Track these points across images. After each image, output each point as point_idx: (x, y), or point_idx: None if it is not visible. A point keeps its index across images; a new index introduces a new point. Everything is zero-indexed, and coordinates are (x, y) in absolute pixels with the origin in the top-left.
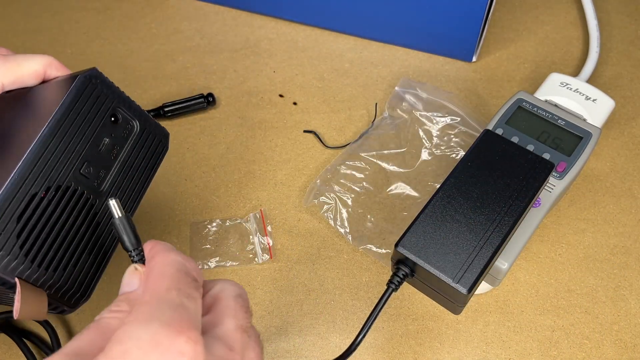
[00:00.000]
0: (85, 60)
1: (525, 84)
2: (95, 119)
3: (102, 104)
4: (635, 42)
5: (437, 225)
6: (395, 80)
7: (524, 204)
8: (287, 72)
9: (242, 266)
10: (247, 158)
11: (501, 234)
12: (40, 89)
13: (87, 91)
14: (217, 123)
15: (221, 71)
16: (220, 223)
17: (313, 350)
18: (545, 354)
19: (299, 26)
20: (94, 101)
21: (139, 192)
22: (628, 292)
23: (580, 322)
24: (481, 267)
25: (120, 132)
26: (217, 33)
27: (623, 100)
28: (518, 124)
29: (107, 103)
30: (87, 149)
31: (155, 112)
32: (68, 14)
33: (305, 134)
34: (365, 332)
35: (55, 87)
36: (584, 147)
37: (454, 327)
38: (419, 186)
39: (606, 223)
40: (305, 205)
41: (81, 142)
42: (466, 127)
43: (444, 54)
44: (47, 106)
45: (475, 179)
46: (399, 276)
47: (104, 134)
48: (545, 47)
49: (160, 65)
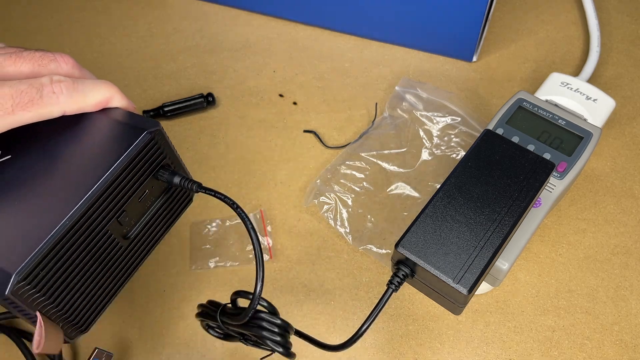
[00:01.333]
0: (85, 60)
1: (526, 84)
2: (147, 173)
3: (156, 160)
4: (636, 41)
5: (437, 225)
6: (396, 80)
7: (524, 204)
8: (287, 72)
9: (242, 266)
10: (247, 158)
11: (502, 234)
12: (103, 127)
13: (148, 148)
14: (217, 123)
15: (221, 71)
16: (220, 223)
17: (313, 350)
18: (545, 354)
19: (299, 26)
20: (151, 157)
21: (159, 239)
22: (629, 293)
23: (581, 323)
24: (481, 268)
25: (160, 185)
26: (217, 33)
27: (623, 100)
28: (518, 124)
29: (159, 159)
30: (130, 200)
31: (155, 111)
32: (68, 13)
33: (305, 133)
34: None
35: (119, 133)
36: (584, 147)
37: (454, 327)
38: (419, 186)
39: (607, 223)
40: (305, 205)
41: (129, 194)
42: (466, 127)
43: (444, 54)
44: (108, 153)
45: (476, 179)
46: (399, 276)
47: (147, 186)
48: (546, 46)
49: (160, 65)
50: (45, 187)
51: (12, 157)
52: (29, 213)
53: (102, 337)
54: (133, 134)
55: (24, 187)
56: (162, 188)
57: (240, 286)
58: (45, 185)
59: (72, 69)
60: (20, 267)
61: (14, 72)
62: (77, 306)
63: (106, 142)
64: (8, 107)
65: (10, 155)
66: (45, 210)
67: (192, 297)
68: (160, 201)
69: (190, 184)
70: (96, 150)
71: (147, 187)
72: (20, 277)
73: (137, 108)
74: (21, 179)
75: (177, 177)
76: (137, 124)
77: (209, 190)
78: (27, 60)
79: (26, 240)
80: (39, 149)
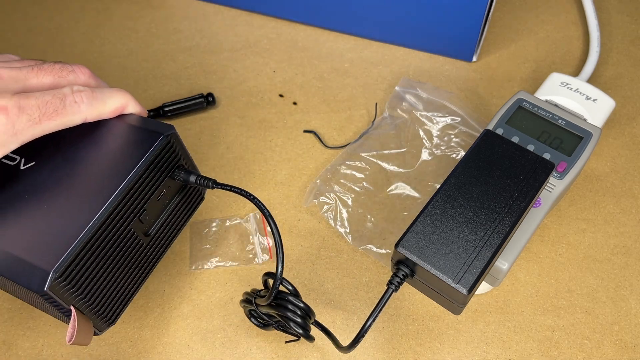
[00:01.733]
0: (85, 60)
1: (526, 84)
2: (164, 173)
3: (172, 161)
4: (636, 41)
5: (437, 225)
6: (396, 80)
7: (524, 204)
8: (287, 72)
9: (242, 266)
10: (247, 158)
11: (501, 234)
12: (121, 132)
13: (165, 150)
14: (217, 123)
15: (221, 71)
16: (220, 223)
17: (313, 350)
18: (545, 354)
19: (299, 26)
20: (167, 159)
21: (175, 235)
22: (628, 292)
23: (581, 322)
24: (481, 268)
25: (176, 185)
26: (217, 33)
27: (623, 100)
28: (518, 124)
29: (175, 160)
30: (150, 200)
31: (155, 112)
32: (68, 14)
33: (305, 134)
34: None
35: (137, 138)
36: (584, 147)
37: (454, 327)
38: (419, 186)
39: (606, 223)
40: (305, 205)
41: (149, 194)
42: (466, 127)
43: (444, 54)
44: (129, 156)
45: (476, 179)
46: (399, 276)
47: (164, 186)
48: (546, 46)
49: (160, 65)
50: (72, 190)
51: (36, 164)
52: (60, 215)
53: (102, 337)
54: (150, 138)
55: (52, 190)
56: (177, 187)
57: (240, 286)
58: (72, 189)
59: (89, 78)
60: (56, 265)
61: (37, 84)
62: (106, 299)
63: (126, 146)
64: (35, 117)
65: (34, 162)
66: (75, 211)
67: (192, 297)
68: (176, 199)
69: (206, 182)
70: (117, 154)
71: (164, 187)
72: (57, 274)
73: None
74: (48, 183)
75: (193, 175)
76: (153, 128)
77: (225, 185)
78: (48, 72)
79: (60, 240)
80: (62, 155)
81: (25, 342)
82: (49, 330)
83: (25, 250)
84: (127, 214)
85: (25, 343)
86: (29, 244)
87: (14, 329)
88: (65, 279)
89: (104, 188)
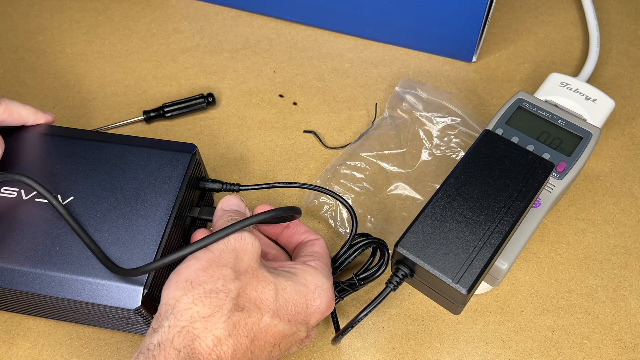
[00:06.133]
0: (86, 60)
1: (525, 84)
2: (194, 185)
3: (199, 174)
4: (635, 42)
5: (437, 225)
6: (395, 80)
7: (524, 204)
8: (287, 72)
9: None
10: (247, 158)
11: (501, 234)
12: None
13: (194, 166)
14: (217, 123)
15: (221, 71)
16: None
17: (313, 350)
18: (545, 354)
19: (299, 26)
20: (196, 172)
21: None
22: (628, 292)
23: (580, 322)
24: (481, 267)
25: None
26: (217, 33)
27: (623, 100)
28: (518, 124)
29: (201, 172)
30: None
31: (155, 112)
32: (68, 14)
33: (305, 134)
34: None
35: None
36: (584, 147)
37: (454, 327)
38: (419, 186)
39: (606, 223)
40: (305, 205)
41: (186, 206)
42: (466, 128)
43: (444, 54)
44: (168, 178)
45: (475, 179)
46: (398, 276)
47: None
48: (545, 47)
49: (160, 65)
50: (128, 214)
51: (75, 198)
52: (129, 236)
53: (103, 337)
54: (180, 159)
55: (110, 216)
56: (198, 195)
57: None
58: (126, 213)
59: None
60: (145, 282)
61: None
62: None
63: (160, 170)
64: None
65: (72, 196)
66: (141, 232)
67: None
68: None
69: (232, 187)
70: (156, 178)
71: (193, 197)
72: (147, 289)
73: (138, 108)
74: (99, 212)
75: (217, 183)
76: (178, 149)
77: (249, 186)
78: None
79: (138, 259)
80: (100, 185)
81: (25, 342)
82: (49, 330)
83: (109, 275)
84: (178, 225)
85: (25, 343)
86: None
87: (14, 329)
88: (156, 295)
89: (157, 210)
